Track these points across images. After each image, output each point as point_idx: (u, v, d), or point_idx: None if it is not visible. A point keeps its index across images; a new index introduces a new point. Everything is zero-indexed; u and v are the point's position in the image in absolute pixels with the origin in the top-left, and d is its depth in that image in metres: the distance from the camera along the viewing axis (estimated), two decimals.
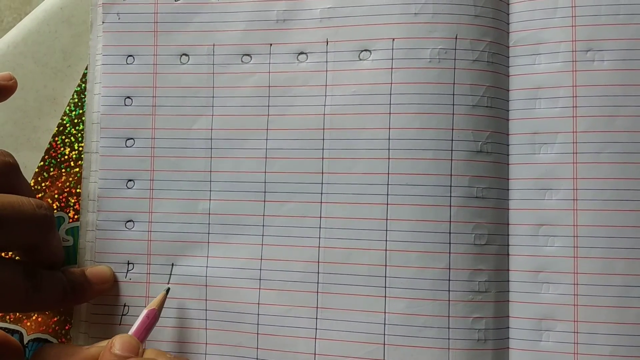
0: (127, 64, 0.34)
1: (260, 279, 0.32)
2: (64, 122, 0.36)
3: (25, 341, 0.34)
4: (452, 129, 0.31)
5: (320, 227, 0.32)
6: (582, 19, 0.31)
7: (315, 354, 0.31)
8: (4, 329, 0.34)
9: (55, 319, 0.34)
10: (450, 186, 0.30)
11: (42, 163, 0.35)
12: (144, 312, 0.30)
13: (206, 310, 0.32)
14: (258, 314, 0.32)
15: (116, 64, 0.34)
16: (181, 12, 0.34)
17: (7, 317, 0.34)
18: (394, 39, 0.32)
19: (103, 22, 0.35)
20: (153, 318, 0.31)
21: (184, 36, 0.34)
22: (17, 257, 0.34)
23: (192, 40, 0.34)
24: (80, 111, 0.36)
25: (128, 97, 0.34)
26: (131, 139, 0.34)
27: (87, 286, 0.32)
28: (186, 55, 0.34)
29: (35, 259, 0.31)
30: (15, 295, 0.29)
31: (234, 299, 0.32)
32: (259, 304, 0.32)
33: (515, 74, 0.31)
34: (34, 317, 0.34)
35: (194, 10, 0.34)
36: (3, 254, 0.33)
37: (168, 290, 0.32)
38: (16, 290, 0.29)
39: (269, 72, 0.33)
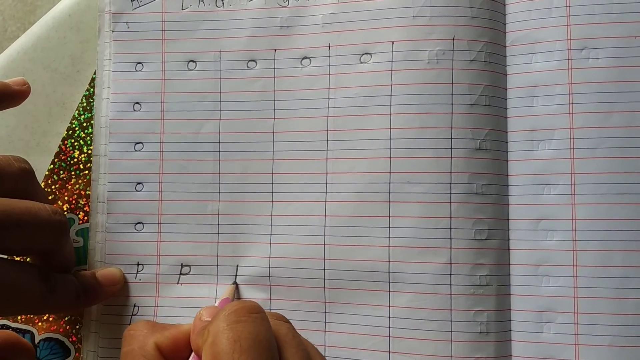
0: (136, 71, 0.34)
1: (269, 276, 0.32)
2: (73, 125, 0.36)
3: (37, 341, 0.34)
4: (452, 128, 0.31)
5: (325, 225, 0.32)
6: (577, 18, 0.31)
7: (325, 345, 0.32)
8: (16, 329, 0.34)
9: (66, 319, 0.34)
10: (451, 183, 0.31)
11: (52, 166, 0.36)
12: (218, 302, 0.30)
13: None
14: (270, 309, 0.32)
15: (125, 71, 0.34)
16: (188, 21, 0.34)
17: (19, 317, 0.35)
18: (393, 42, 0.32)
19: (113, 31, 0.35)
20: None
21: (191, 43, 0.34)
22: (28, 261, 0.34)
23: (199, 47, 0.34)
24: (89, 115, 0.36)
25: (137, 103, 0.34)
26: (140, 143, 0.34)
27: (98, 288, 0.32)
28: (193, 61, 0.34)
29: (49, 263, 0.31)
30: (31, 298, 0.29)
31: (246, 296, 0.32)
32: (270, 299, 0.32)
33: (513, 72, 0.32)
34: (45, 318, 0.34)
35: (200, 19, 0.34)
36: (18, 258, 0.33)
37: (236, 283, 0.32)
38: (32, 293, 0.29)
39: (274, 77, 0.33)
